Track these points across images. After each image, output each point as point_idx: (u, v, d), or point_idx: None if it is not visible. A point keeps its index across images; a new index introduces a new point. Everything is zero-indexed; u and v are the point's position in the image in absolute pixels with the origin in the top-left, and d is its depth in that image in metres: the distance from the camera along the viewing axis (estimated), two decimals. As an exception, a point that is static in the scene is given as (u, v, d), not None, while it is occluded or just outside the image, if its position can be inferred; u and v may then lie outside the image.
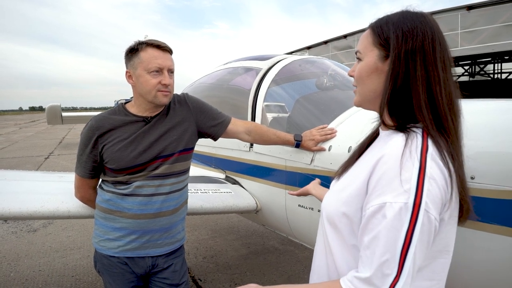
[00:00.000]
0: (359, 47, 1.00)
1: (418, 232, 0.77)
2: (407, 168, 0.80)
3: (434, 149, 0.84)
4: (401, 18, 0.93)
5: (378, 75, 0.94)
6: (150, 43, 1.63)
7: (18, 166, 9.90)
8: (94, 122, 1.67)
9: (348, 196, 0.92)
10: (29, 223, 5.19)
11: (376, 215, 0.81)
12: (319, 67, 2.82)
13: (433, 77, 0.87)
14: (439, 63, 0.88)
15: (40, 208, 1.92)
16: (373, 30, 0.96)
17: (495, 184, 1.27)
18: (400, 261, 0.77)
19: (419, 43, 0.88)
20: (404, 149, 0.83)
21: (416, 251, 0.78)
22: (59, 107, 14.37)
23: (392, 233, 0.78)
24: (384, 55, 0.93)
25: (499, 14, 13.05)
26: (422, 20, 0.91)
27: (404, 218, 0.78)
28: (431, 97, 0.88)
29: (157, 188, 1.69)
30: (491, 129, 1.38)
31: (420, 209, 0.78)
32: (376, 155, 0.88)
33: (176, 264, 1.83)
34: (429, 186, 0.79)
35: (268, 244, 4.40)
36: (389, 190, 0.80)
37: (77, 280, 3.47)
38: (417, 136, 0.86)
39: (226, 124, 1.92)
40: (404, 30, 0.90)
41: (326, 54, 19.44)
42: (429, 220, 0.79)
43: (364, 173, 0.89)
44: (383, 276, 0.78)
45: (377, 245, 0.80)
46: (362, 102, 1.02)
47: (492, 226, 1.28)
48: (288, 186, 2.22)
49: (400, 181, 0.79)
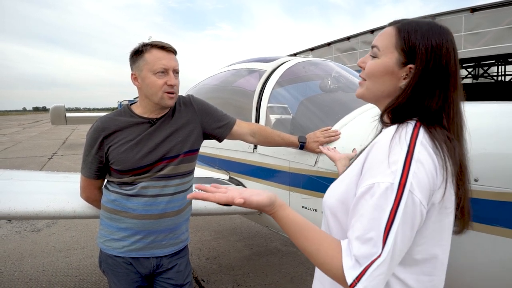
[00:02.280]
0: (379, 43, 0.97)
1: (401, 211, 0.79)
2: (396, 151, 0.83)
3: (425, 137, 0.87)
4: (429, 30, 0.91)
5: (391, 78, 0.95)
6: (155, 44, 1.65)
7: (21, 166, 9.94)
8: (100, 123, 1.68)
9: (346, 185, 0.95)
10: (33, 222, 5.22)
11: (364, 196, 0.83)
12: (323, 69, 2.83)
13: (449, 98, 0.90)
14: (453, 85, 0.90)
15: (46, 208, 1.94)
16: (399, 32, 0.94)
17: (499, 186, 1.27)
18: (383, 239, 0.79)
19: (444, 61, 0.89)
20: (394, 135, 0.87)
21: (398, 230, 0.79)
22: (63, 107, 14.44)
23: (377, 212, 0.80)
24: (403, 61, 0.92)
25: (502, 16, 13.02)
26: (449, 38, 0.91)
27: (390, 198, 0.79)
28: (442, 109, 0.90)
29: (162, 189, 1.71)
30: (495, 132, 1.38)
31: (405, 190, 0.79)
32: (370, 146, 0.93)
33: (181, 264, 1.84)
34: (416, 169, 0.81)
35: (271, 245, 4.40)
36: (378, 172, 0.83)
37: (80, 280, 3.49)
38: (408, 125, 0.89)
39: (231, 126, 1.93)
40: (433, 44, 0.89)
41: (329, 56, 19.43)
42: (413, 201, 0.80)
43: (359, 162, 0.93)
44: (369, 255, 0.79)
45: (362, 223, 0.82)
46: (366, 96, 1.03)
47: (496, 228, 1.28)
48: (292, 187, 2.23)
49: (388, 163, 0.82)
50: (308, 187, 2.09)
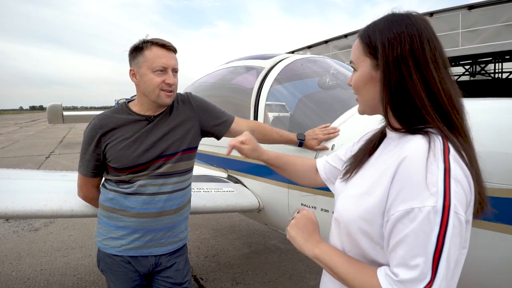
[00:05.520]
0: (352, 57, 1.00)
1: (449, 234, 0.76)
2: (432, 171, 0.78)
3: (454, 151, 0.83)
4: (387, 24, 0.91)
5: (373, 84, 0.94)
6: (155, 42, 1.63)
7: (18, 165, 9.89)
8: (97, 121, 1.67)
9: (369, 204, 0.89)
10: (31, 222, 5.20)
11: (402, 220, 0.79)
12: (321, 66, 2.82)
13: (429, 78, 0.87)
14: (431, 64, 0.87)
15: (43, 207, 1.92)
16: (362, 39, 0.96)
17: (499, 183, 1.27)
18: (433, 265, 0.76)
19: (408, 47, 0.87)
20: (429, 152, 0.81)
21: (450, 253, 0.76)
22: (60, 106, 14.36)
23: (421, 238, 0.76)
24: (376, 64, 0.93)
25: (500, 13, 13.04)
26: (408, 23, 0.89)
27: (434, 222, 0.76)
28: (433, 98, 0.87)
29: (160, 187, 1.70)
30: (493, 128, 1.38)
31: (450, 212, 0.76)
32: (395, 159, 0.86)
33: (179, 263, 1.84)
34: (455, 188, 0.77)
35: (269, 243, 4.40)
36: (415, 195, 0.78)
37: (79, 279, 3.47)
38: (437, 138, 0.85)
39: (229, 123, 1.92)
40: (389, 37, 0.89)
41: (327, 53, 19.41)
42: (460, 221, 0.77)
43: (385, 179, 0.86)
44: (416, 281, 0.76)
45: (404, 249, 0.79)
46: (365, 110, 1.03)
47: (497, 224, 1.28)
48: (291, 185, 2.22)
49: (426, 184, 0.77)
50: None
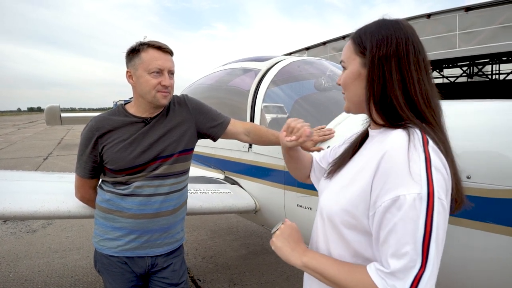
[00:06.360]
0: (343, 57, 1.06)
1: (436, 220, 0.79)
2: (414, 160, 0.83)
3: (432, 142, 0.88)
4: (377, 27, 0.99)
5: (360, 81, 1.00)
6: (152, 44, 1.65)
7: (16, 167, 9.88)
8: (94, 123, 1.68)
9: (352, 195, 0.93)
10: (28, 223, 5.20)
11: (390, 210, 0.82)
12: (317, 68, 2.84)
13: (407, 78, 0.93)
14: (413, 66, 0.94)
15: (41, 208, 1.93)
16: (354, 40, 1.03)
17: (491, 183, 1.28)
18: (423, 252, 0.78)
19: (393, 49, 0.94)
20: (409, 143, 0.86)
21: (438, 239, 0.80)
22: (58, 108, 14.34)
23: (410, 225, 0.79)
24: (364, 62, 0.99)
25: (497, 15, 13.10)
26: (396, 28, 0.97)
27: (420, 209, 0.79)
28: (408, 97, 0.93)
29: (157, 188, 1.71)
30: (488, 130, 1.40)
31: (435, 198, 0.80)
32: (376, 152, 0.90)
33: (176, 263, 1.84)
34: (437, 176, 0.82)
35: (267, 244, 4.41)
36: (400, 183, 0.82)
37: (76, 280, 3.48)
38: (415, 131, 0.90)
39: (225, 125, 1.93)
40: (378, 38, 0.96)
41: (324, 55, 19.45)
42: (443, 207, 0.81)
43: (367, 171, 0.91)
44: (405, 269, 0.79)
45: (394, 238, 0.81)
46: (350, 107, 1.08)
47: (488, 225, 1.29)
48: (287, 186, 2.23)
49: (410, 173, 0.82)
50: (303, 185, 2.10)
